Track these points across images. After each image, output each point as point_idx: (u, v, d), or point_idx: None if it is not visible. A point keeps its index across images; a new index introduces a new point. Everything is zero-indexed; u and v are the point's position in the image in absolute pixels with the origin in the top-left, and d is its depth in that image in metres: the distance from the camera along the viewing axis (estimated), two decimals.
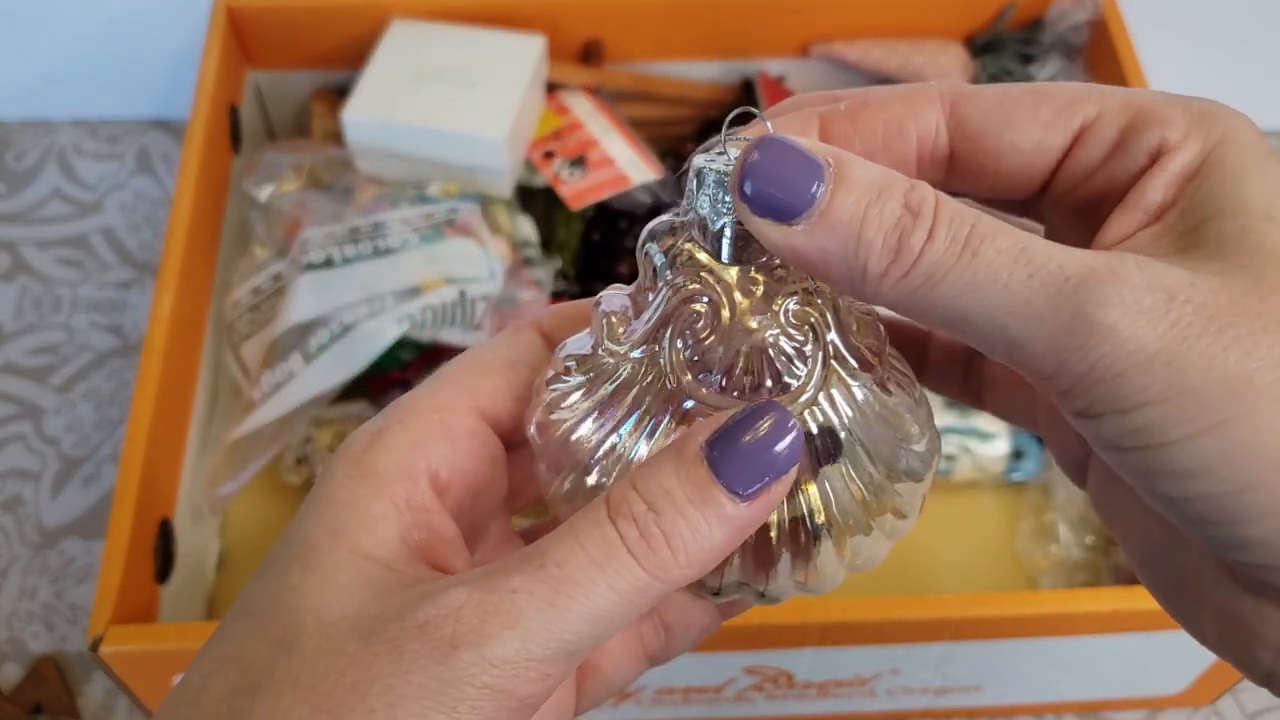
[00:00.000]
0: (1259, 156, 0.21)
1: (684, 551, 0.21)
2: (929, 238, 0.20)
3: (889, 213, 0.20)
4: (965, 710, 0.58)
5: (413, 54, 0.66)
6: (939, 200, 0.21)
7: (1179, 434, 0.19)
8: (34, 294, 0.73)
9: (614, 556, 0.21)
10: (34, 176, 0.79)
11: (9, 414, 0.68)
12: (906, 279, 0.20)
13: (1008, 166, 0.23)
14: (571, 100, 0.70)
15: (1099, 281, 0.19)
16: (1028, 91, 0.23)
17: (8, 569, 0.62)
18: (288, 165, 0.67)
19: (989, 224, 0.20)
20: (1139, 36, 0.68)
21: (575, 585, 0.20)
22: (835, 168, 0.21)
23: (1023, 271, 0.20)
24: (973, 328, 0.20)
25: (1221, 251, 0.20)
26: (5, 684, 0.59)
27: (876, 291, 0.21)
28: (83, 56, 0.77)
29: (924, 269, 0.20)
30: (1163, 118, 0.22)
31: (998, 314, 0.20)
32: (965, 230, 0.20)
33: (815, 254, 0.21)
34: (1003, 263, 0.20)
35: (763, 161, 0.21)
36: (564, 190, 0.65)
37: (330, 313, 0.59)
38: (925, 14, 0.71)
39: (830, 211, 0.21)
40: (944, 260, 0.20)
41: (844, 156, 0.21)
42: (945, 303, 0.20)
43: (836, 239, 0.21)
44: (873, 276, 0.21)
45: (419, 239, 0.61)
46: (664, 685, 0.54)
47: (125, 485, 0.50)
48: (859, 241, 0.20)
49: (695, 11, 0.70)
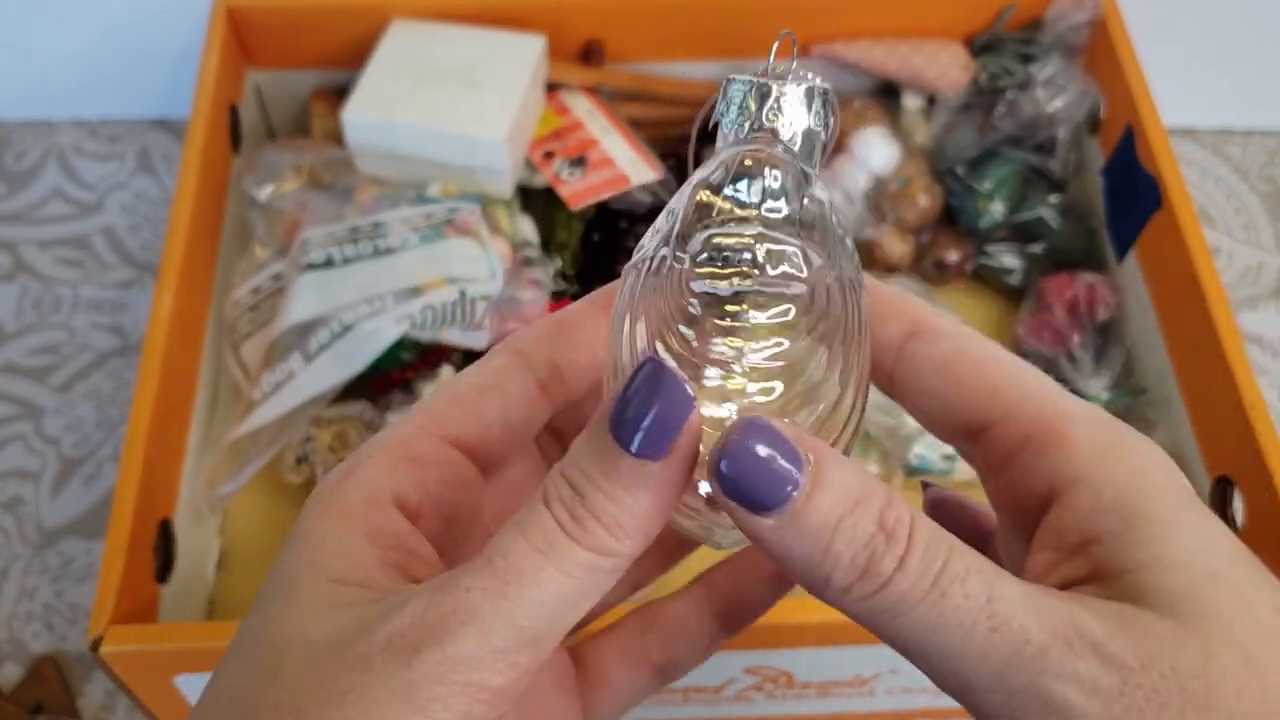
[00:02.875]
0: (1183, 501, 0.22)
1: (616, 525, 0.21)
2: (900, 566, 0.20)
3: (862, 529, 0.20)
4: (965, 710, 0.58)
5: (413, 54, 0.66)
6: (914, 523, 0.20)
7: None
8: (34, 294, 0.73)
9: (554, 541, 0.21)
10: (34, 176, 0.79)
11: (9, 414, 0.68)
12: (870, 601, 0.20)
13: (928, 416, 0.24)
14: (572, 100, 0.70)
15: (1058, 652, 0.19)
16: (972, 356, 0.24)
17: (8, 569, 0.62)
18: (288, 165, 0.67)
19: (959, 562, 0.20)
20: (1139, 37, 0.68)
21: (523, 574, 0.21)
22: (815, 466, 0.21)
23: (986, 623, 0.20)
24: (927, 662, 0.21)
25: (1173, 608, 0.20)
26: (5, 684, 0.59)
27: (836, 602, 0.21)
28: (83, 57, 0.77)
29: (891, 597, 0.20)
30: (1060, 441, 0.22)
31: (955, 658, 0.20)
32: (938, 565, 0.20)
33: (779, 551, 0.21)
34: (968, 610, 0.20)
35: (743, 446, 0.21)
36: (564, 190, 0.65)
37: (330, 312, 0.59)
38: (925, 14, 0.71)
39: (803, 514, 0.20)
40: (912, 594, 0.20)
41: (826, 456, 0.21)
42: (905, 634, 0.20)
43: (804, 544, 0.20)
44: (835, 589, 0.21)
45: (419, 239, 0.61)
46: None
47: (125, 485, 0.50)
48: (826, 553, 0.20)
49: (695, 12, 0.70)
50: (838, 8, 0.70)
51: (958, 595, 0.20)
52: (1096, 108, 0.70)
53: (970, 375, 0.24)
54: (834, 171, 0.69)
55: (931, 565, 0.20)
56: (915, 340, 0.24)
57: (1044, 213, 0.69)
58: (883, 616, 0.20)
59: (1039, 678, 0.19)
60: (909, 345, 0.24)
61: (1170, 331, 0.62)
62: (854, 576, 0.20)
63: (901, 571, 0.20)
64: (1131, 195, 0.66)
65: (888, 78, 0.72)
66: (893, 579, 0.20)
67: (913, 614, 0.20)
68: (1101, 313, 0.66)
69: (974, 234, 0.70)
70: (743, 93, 0.24)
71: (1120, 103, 0.67)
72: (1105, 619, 0.20)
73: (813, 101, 0.24)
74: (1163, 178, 0.62)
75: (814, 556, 0.20)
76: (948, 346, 0.24)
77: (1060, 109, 0.68)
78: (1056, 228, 0.69)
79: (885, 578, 0.20)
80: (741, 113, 0.24)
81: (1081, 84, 0.69)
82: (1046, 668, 0.19)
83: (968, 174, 0.69)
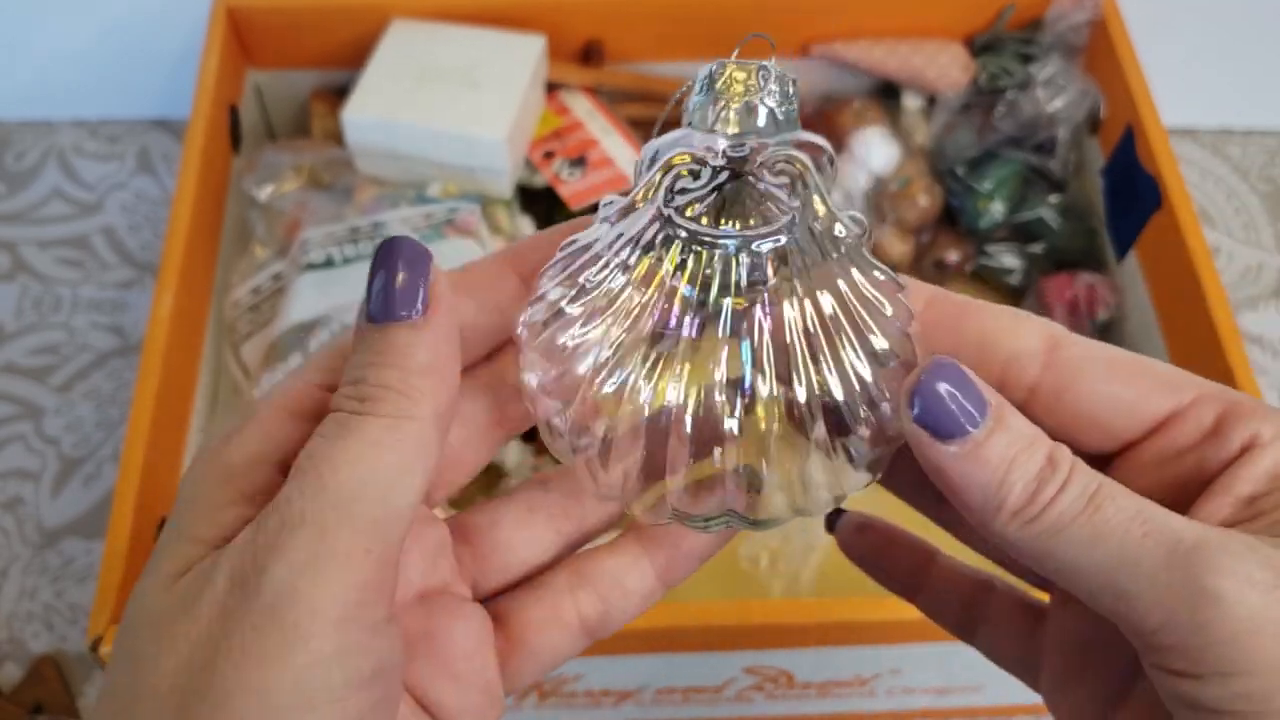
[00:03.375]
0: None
1: (401, 385, 0.22)
2: (1061, 489, 0.22)
3: (1035, 461, 0.22)
4: (965, 710, 0.58)
5: (413, 54, 0.66)
6: (1075, 461, 0.22)
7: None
8: (34, 294, 0.73)
9: (352, 425, 0.22)
10: (34, 176, 0.79)
11: (9, 414, 0.68)
12: (1033, 524, 0.22)
13: (1089, 415, 0.24)
14: (572, 100, 0.70)
15: (1212, 549, 0.21)
16: (1131, 359, 0.25)
17: (8, 569, 0.62)
18: (288, 165, 0.67)
19: (1113, 486, 0.22)
20: (1139, 37, 0.68)
21: (335, 466, 0.21)
22: (996, 410, 0.23)
23: (1139, 530, 0.21)
24: (1084, 576, 0.22)
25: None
26: (5, 684, 0.59)
27: (1004, 528, 0.22)
28: (83, 57, 0.77)
29: (1050, 519, 0.22)
30: (1256, 413, 0.24)
31: (1111, 568, 0.21)
32: (1093, 487, 0.22)
33: (958, 478, 0.22)
34: (1121, 520, 0.21)
35: (936, 380, 0.22)
36: (564, 190, 0.65)
37: (330, 312, 0.59)
38: (925, 14, 0.71)
39: (986, 445, 0.22)
40: (1069, 512, 0.22)
41: (1004, 403, 0.23)
42: (1063, 551, 0.22)
43: (985, 472, 0.22)
44: (1005, 514, 0.22)
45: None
46: (664, 685, 0.54)
47: (125, 485, 0.50)
48: (1003, 482, 0.22)
49: (695, 12, 0.70)
50: (838, 8, 0.70)
51: (1110, 509, 0.22)
52: (1096, 108, 0.70)
53: (1139, 372, 0.24)
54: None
55: (1088, 488, 0.22)
56: (1061, 350, 0.24)
57: (1044, 213, 0.69)
58: (1043, 537, 0.22)
59: (1194, 571, 0.21)
60: (1057, 354, 0.24)
61: (1170, 332, 0.62)
62: (1024, 502, 0.22)
63: (1063, 493, 0.22)
64: (1131, 195, 0.66)
65: (888, 78, 0.72)
66: (1054, 500, 0.22)
67: (1071, 530, 0.22)
68: (1101, 313, 0.66)
69: (974, 234, 0.70)
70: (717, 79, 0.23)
71: (1120, 103, 0.67)
72: (1255, 537, 0.21)
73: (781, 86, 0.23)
74: (1163, 178, 0.62)
75: (992, 484, 0.22)
76: (1099, 350, 0.24)
77: (1060, 109, 0.68)
78: (1056, 228, 0.69)
79: (1048, 500, 0.22)
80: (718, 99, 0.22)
81: (1081, 84, 0.69)
82: (1200, 562, 0.21)
83: (968, 174, 0.69)
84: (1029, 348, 0.24)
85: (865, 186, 0.69)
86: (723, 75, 0.23)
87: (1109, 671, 0.25)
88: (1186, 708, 0.21)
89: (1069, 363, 0.24)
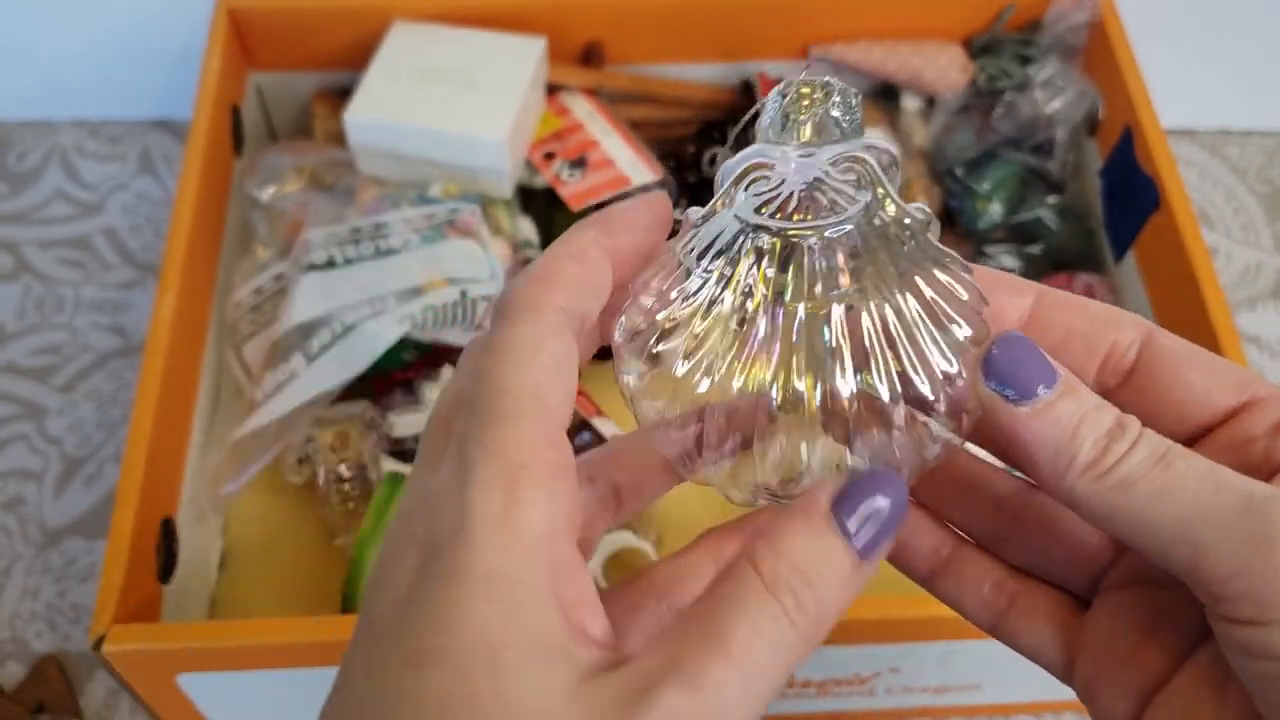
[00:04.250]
0: None
1: (828, 616, 0.22)
2: (1131, 448, 0.23)
3: (1104, 421, 0.23)
4: (965, 709, 0.59)
5: (414, 55, 0.66)
6: (1144, 427, 0.24)
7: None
8: (36, 294, 0.73)
9: (784, 635, 0.22)
10: (36, 177, 0.79)
11: (11, 414, 0.68)
12: (1104, 479, 0.23)
13: (1178, 399, 0.26)
14: (572, 102, 0.70)
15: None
16: (1211, 355, 0.26)
17: (11, 568, 0.62)
18: (289, 166, 0.67)
19: (1183, 449, 0.23)
20: (1137, 38, 0.68)
21: (764, 671, 0.21)
22: (1065, 380, 0.24)
23: (1211, 484, 0.22)
24: (1154, 531, 0.23)
25: None
26: (8, 683, 0.59)
27: (1074, 484, 0.23)
28: (85, 57, 0.78)
29: (1121, 473, 0.23)
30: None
31: (1184, 520, 0.22)
32: (1163, 448, 0.23)
33: (1030, 436, 0.24)
34: (1193, 475, 0.23)
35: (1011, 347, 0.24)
36: (564, 191, 0.65)
37: (332, 313, 0.59)
38: (924, 15, 0.71)
39: (1057, 405, 0.24)
40: (1139, 468, 0.23)
41: (1073, 376, 0.24)
42: (1134, 506, 0.23)
43: (1057, 429, 0.23)
44: (1076, 468, 0.23)
45: (420, 240, 0.62)
46: None
47: (128, 485, 0.50)
48: (1074, 436, 0.23)
49: (695, 14, 0.70)
50: (837, 8, 0.70)
51: (1181, 465, 0.23)
52: (1095, 109, 0.70)
53: (1219, 367, 0.26)
54: None
55: (1158, 448, 0.23)
56: (1155, 340, 0.26)
57: (1042, 213, 0.69)
58: (1115, 490, 0.23)
59: (1268, 520, 0.21)
60: (1152, 343, 0.26)
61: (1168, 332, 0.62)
62: (1094, 457, 0.23)
63: (1134, 450, 0.23)
64: (1130, 196, 0.66)
65: (887, 79, 0.72)
66: (1125, 457, 0.23)
67: (1140, 485, 0.23)
68: None
69: (973, 235, 0.70)
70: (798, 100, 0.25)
71: (1119, 104, 0.68)
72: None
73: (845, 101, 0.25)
74: (1161, 178, 0.62)
75: (1063, 439, 0.23)
76: (1185, 345, 0.26)
77: (1059, 110, 0.69)
78: (1055, 228, 0.69)
79: (1118, 457, 0.23)
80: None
81: (1080, 85, 0.69)
82: (1274, 512, 0.22)
83: (966, 175, 0.69)
84: (1128, 338, 0.26)
85: None
86: (791, 91, 0.25)
87: (1165, 651, 0.26)
88: (1255, 657, 0.22)
89: (1162, 352, 0.26)
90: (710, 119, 0.74)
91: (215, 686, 0.50)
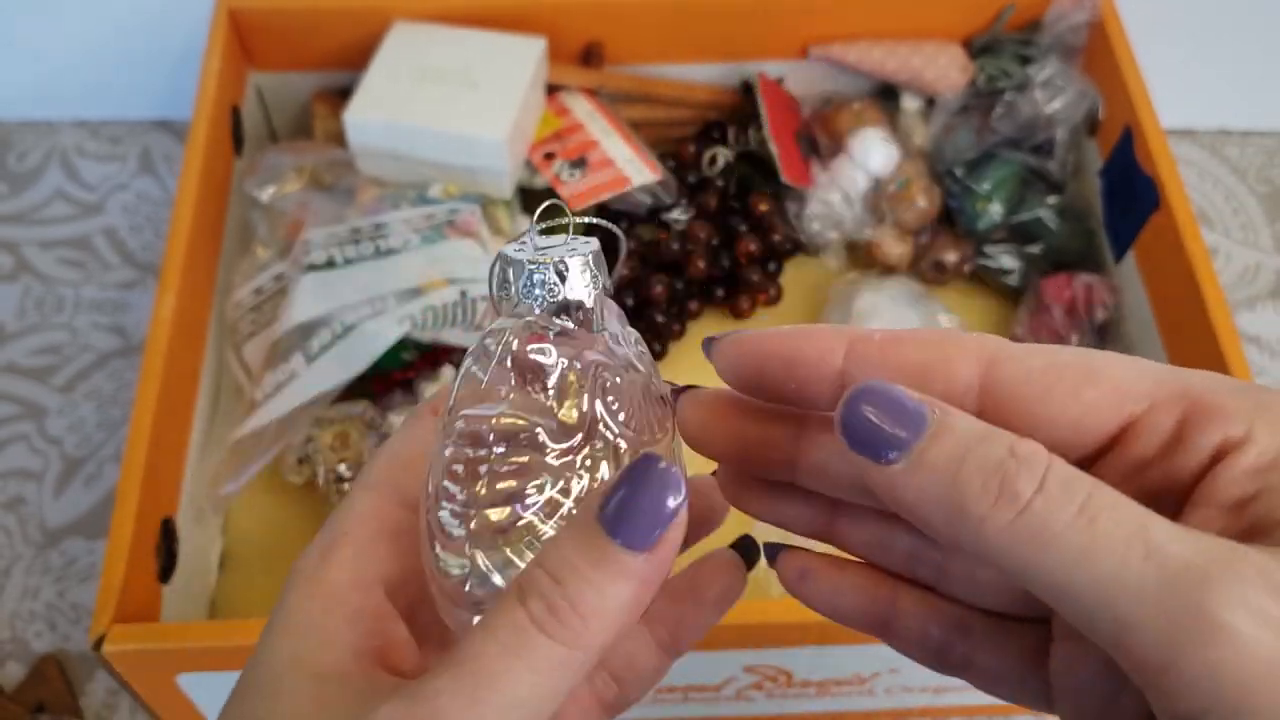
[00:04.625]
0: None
1: (594, 615, 0.21)
2: (1040, 488, 0.19)
3: (993, 455, 0.20)
4: (964, 708, 0.59)
5: (414, 56, 0.66)
6: (1052, 457, 0.20)
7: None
8: (36, 294, 0.73)
9: (526, 639, 0.21)
10: (36, 177, 0.79)
11: (11, 414, 0.68)
12: (1013, 528, 0.19)
13: (1045, 438, 0.21)
14: (572, 102, 0.70)
15: (1225, 580, 0.18)
16: (1075, 366, 0.22)
17: (10, 568, 0.63)
18: (289, 166, 0.67)
19: (1105, 493, 0.19)
20: (1137, 38, 0.68)
21: (494, 677, 0.21)
22: (940, 414, 0.21)
23: (1141, 549, 0.19)
24: (1077, 601, 0.19)
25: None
26: (8, 683, 0.59)
27: (979, 536, 0.20)
28: (85, 57, 0.78)
29: (1034, 522, 0.19)
30: (1221, 412, 0.21)
31: (1109, 590, 0.19)
32: (1082, 494, 0.19)
33: (913, 495, 0.20)
34: (1120, 536, 0.19)
35: (862, 400, 0.21)
36: (565, 191, 0.65)
37: (332, 313, 0.59)
38: (924, 15, 0.71)
39: (929, 451, 0.20)
40: (1057, 518, 0.19)
41: (948, 408, 0.21)
42: (1053, 567, 0.19)
43: (934, 479, 0.20)
44: (972, 518, 0.20)
45: (420, 240, 0.62)
46: (664, 684, 0.54)
47: (127, 485, 0.50)
48: (954, 481, 0.20)
49: (695, 14, 0.70)
50: (837, 9, 0.70)
51: (1108, 522, 0.19)
52: (1095, 109, 0.70)
53: (1085, 381, 0.22)
54: (833, 172, 0.69)
55: (1075, 493, 0.19)
56: (996, 369, 0.22)
57: (1042, 214, 0.69)
58: (1029, 548, 0.19)
59: (1202, 603, 0.18)
60: (992, 375, 0.22)
61: (1168, 332, 0.62)
62: (989, 501, 0.19)
63: (1041, 494, 0.19)
64: (1130, 196, 0.66)
65: (887, 79, 0.72)
66: (1033, 502, 0.19)
67: (1060, 542, 0.19)
68: (1099, 313, 0.66)
69: (972, 235, 0.70)
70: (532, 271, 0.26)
71: (1118, 104, 0.68)
72: (1269, 557, 0.19)
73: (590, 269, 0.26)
74: (1161, 179, 0.62)
75: (944, 489, 0.20)
76: (1038, 361, 0.22)
77: (1059, 110, 0.69)
78: (1055, 228, 0.69)
79: (1024, 500, 0.19)
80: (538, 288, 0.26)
81: (1080, 85, 0.69)
82: (1211, 595, 0.18)
83: (966, 175, 0.69)
84: (961, 380, 0.22)
85: (864, 188, 0.69)
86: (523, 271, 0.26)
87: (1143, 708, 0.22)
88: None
89: (1004, 385, 0.22)
90: (710, 119, 0.74)
91: (215, 686, 0.50)
